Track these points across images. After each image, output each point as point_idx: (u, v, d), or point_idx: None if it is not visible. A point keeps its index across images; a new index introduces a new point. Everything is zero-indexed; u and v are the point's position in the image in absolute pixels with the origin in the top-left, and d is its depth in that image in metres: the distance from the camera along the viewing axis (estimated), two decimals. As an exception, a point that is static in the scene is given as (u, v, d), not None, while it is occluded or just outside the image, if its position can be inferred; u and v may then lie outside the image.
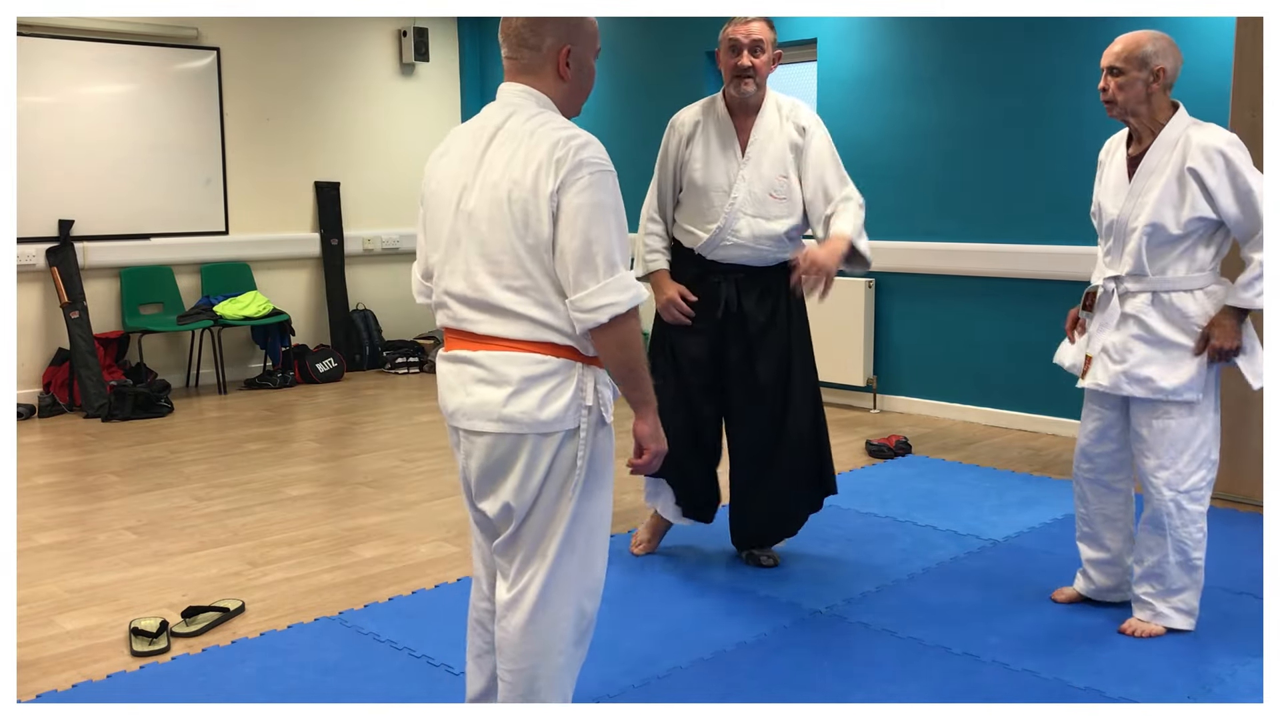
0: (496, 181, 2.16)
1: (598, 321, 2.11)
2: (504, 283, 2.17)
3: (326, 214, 7.98)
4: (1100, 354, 3.19)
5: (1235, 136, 3.03)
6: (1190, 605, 3.21)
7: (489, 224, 2.17)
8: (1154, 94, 3.06)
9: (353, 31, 8.02)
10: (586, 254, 2.10)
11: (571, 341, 2.18)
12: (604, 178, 2.14)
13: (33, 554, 4.07)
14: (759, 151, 3.62)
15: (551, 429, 2.17)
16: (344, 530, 4.32)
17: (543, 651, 2.25)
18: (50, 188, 6.77)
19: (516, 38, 2.25)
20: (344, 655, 3.17)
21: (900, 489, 4.80)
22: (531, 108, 2.22)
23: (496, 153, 2.19)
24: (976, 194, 5.97)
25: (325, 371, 7.61)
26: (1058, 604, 3.47)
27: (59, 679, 3.03)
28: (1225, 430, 4.54)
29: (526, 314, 2.16)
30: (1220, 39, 5.02)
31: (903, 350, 6.38)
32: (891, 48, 6.23)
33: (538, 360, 2.16)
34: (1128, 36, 3.09)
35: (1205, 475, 3.13)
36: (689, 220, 3.68)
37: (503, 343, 2.18)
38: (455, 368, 2.25)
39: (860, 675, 3.02)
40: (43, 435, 6.07)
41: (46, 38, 6.70)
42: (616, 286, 2.11)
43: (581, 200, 2.11)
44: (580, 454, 2.20)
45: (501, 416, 2.17)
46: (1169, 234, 3.03)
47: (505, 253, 2.16)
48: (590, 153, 2.13)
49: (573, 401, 2.17)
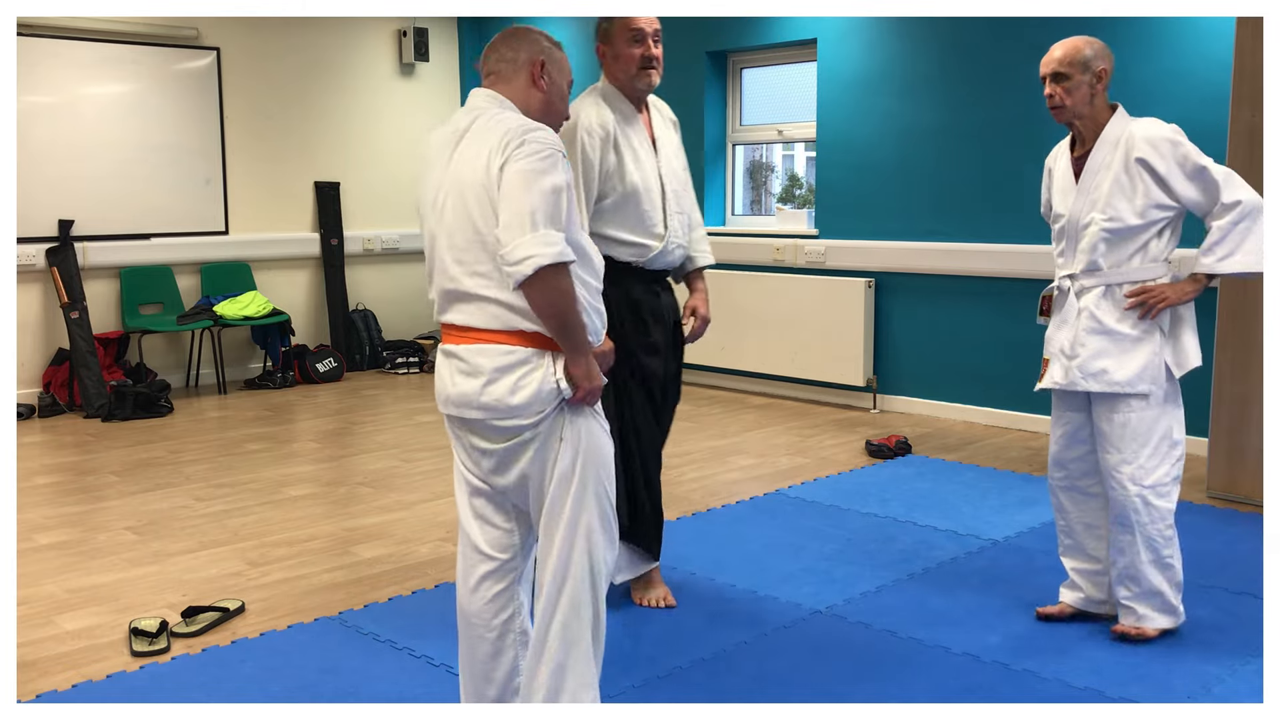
0: (460, 175, 2.32)
1: (523, 274, 2.19)
2: (469, 269, 2.31)
3: (326, 214, 7.98)
4: (1057, 353, 3.18)
5: (1176, 125, 3.06)
6: (1170, 603, 3.17)
7: (454, 215, 2.32)
8: (1097, 95, 3.09)
9: (352, 31, 8.02)
10: (517, 212, 2.21)
11: (539, 327, 2.29)
12: (545, 151, 2.25)
13: (33, 554, 4.07)
14: (664, 145, 3.45)
15: (523, 415, 2.31)
16: (344, 530, 4.32)
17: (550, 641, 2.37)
18: (50, 188, 6.77)
19: (494, 51, 2.45)
20: (344, 655, 3.17)
21: (900, 489, 4.80)
22: (494, 109, 2.38)
23: (463, 151, 2.34)
24: (976, 194, 5.97)
25: (325, 371, 7.61)
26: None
27: (59, 679, 3.03)
28: (1225, 430, 4.56)
29: (493, 296, 2.30)
30: (1220, 39, 5.02)
31: (903, 350, 6.38)
32: (891, 48, 6.23)
33: (506, 351, 2.31)
34: (1065, 43, 3.11)
35: (1169, 470, 3.10)
36: (628, 230, 3.34)
37: (476, 333, 2.33)
38: (444, 361, 2.42)
39: (860, 675, 3.02)
40: (43, 435, 6.07)
41: (46, 38, 6.70)
42: (542, 240, 2.19)
43: (519, 167, 2.23)
44: (562, 437, 2.34)
45: (479, 405, 2.33)
46: (1128, 225, 3.05)
47: (468, 239, 2.30)
48: (537, 135, 2.27)
49: (541, 387, 2.30)
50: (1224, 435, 4.57)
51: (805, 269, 6.72)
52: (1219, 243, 2.99)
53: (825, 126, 6.56)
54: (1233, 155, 4.45)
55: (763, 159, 8.25)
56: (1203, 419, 5.09)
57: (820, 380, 6.67)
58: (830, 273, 6.60)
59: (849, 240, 6.50)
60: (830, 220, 6.60)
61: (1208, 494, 4.65)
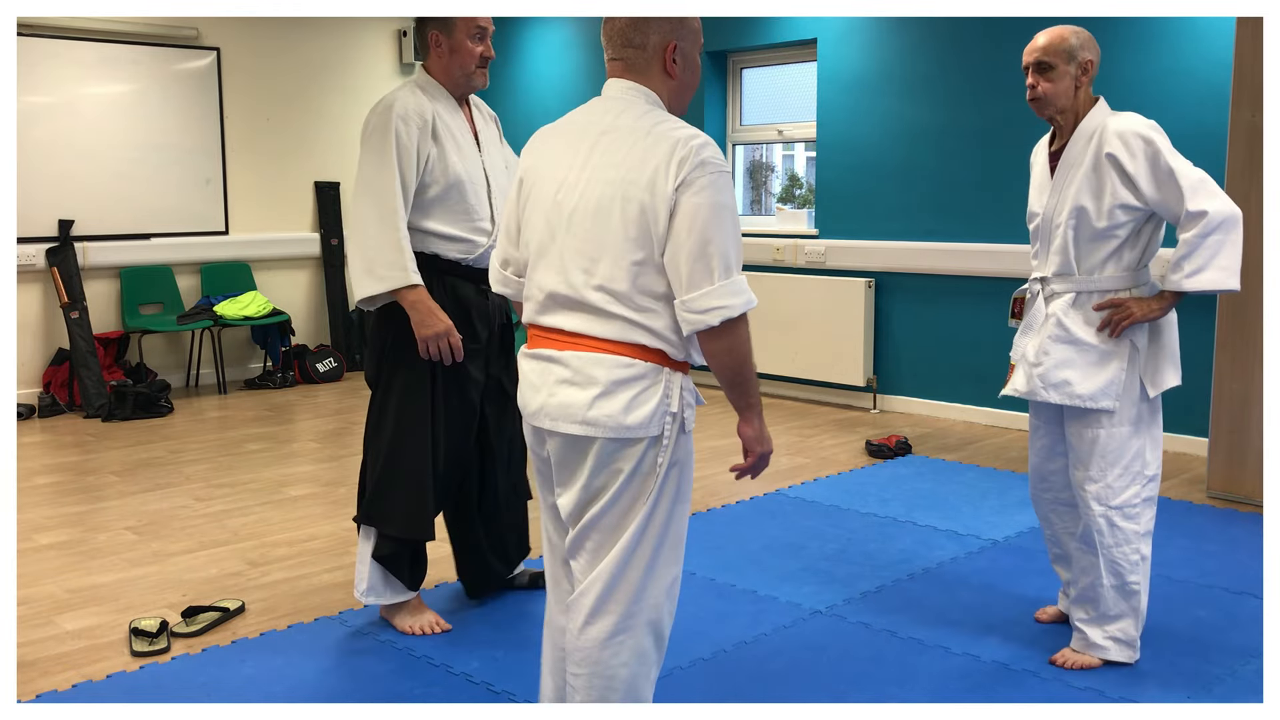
0: (607, 179, 2.12)
1: (708, 324, 2.05)
2: (599, 282, 2.11)
3: (326, 214, 7.98)
4: (1021, 359, 3.04)
5: (1155, 123, 2.86)
6: (1129, 635, 2.98)
7: (593, 222, 2.12)
8: (1082, 87, 2.90)
9: (352, 31, 8.02)
10: (702, 254, 2.04)
11: (662, 345, 2.12)
12: (723, 179, 2.09)
13: (33, 554, 4.07)
14: (487, 141, 3.32)
15: (635, 434, 2.11)
16: (344, 530, 4.32)
17: (604, 660, 2.18)
18: (50, 188, 6.77)
19: (621, 37, 2.21)
20: (344, 655, 3.17)
21: (900, 489, 4.80)
22: (641, 105, 2.18)
23: (607, 150, 2.14)
24: (976, 194, 5.97)
25: (325, 371, 7.61)
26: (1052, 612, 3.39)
27: (59, 679, 3.03)
28: (1225, 430, 4.56)
29: (617, 314, 2.11)
30: (1220, 39, 5.02)
31: (903, 350, 6.38)
32: (891, 48, 6.23)
33: (626, 363, 2.11)
34: (1050, 31, 2.91)
35: (1139, 492, 2.92)
36: (452, 224, 3.19)
37: (591, 342, 2.13)
38: (540, 366, 2.20)
39: (860, 675, 3.02)
40: (43, 435, 6.07)
41: (46, 38, 6.70)
42: (730, 290, 2.05)
43: (702, 200, 2.05)
44: (661, 460, 2.14)
45: (585, 420, 2.11)
46: (1093, 225, 2.87)
47: (606, 251, 2.11)
48: (710, 153, 2.09)
49: (659, 407, 2.11)
50: (1224, 435, 4.57)
51: (805, 269, 6.72)
52: (1187, 257, 2.77)
53: (825, 126, 6.56)
54: (1233, 155, 4.45)
55: (763, 159, 8.26)
56: (1203, 419, 5.10)
57: (820, 380, 6.67)
58: (830, 273, 6.60)
59: (849, 240, 6.50)
60: (830, 220, 6.61)
61: (1208, 494, 4.65)
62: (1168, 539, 4.08)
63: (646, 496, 2.15)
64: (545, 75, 8.17)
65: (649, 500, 2.15)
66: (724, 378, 2.14)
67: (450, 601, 3.56)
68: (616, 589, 2.17)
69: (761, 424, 2.19)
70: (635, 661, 2.19)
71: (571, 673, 2.22)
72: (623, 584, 2.16)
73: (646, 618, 2.19)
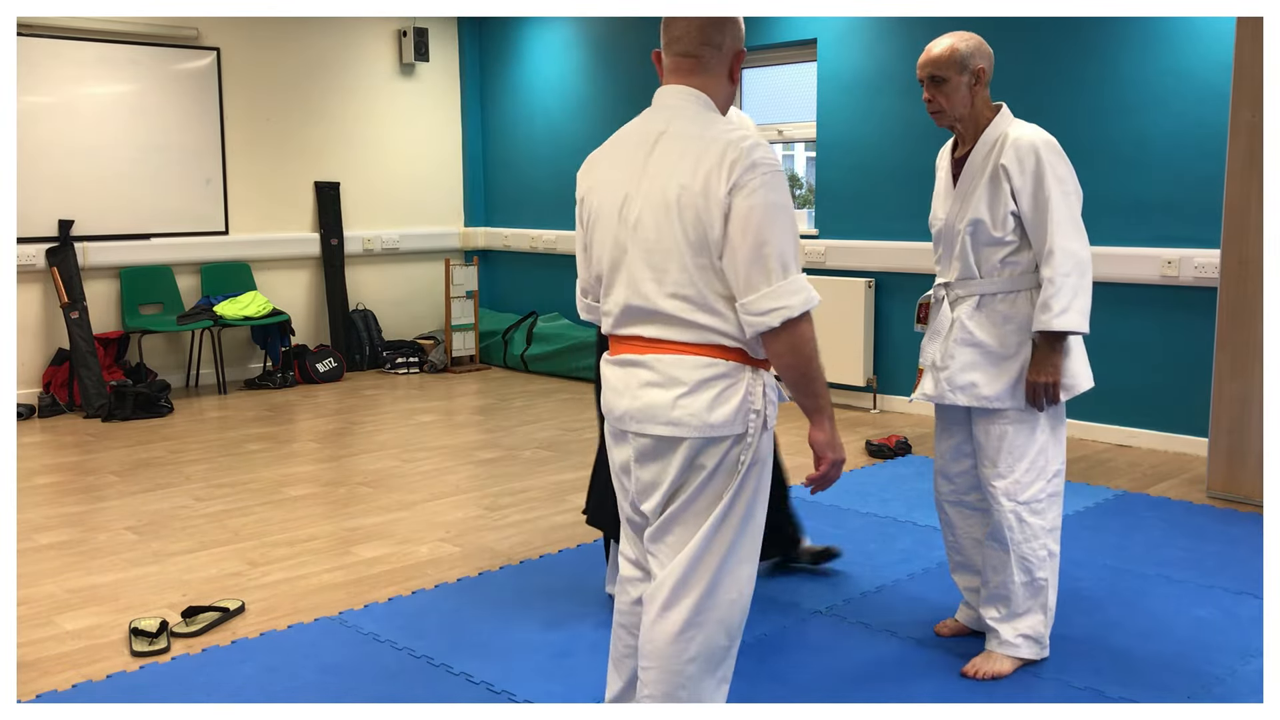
0: (664, 186, 2.12)
1: (769, 325, 2.05)
2: (669, 290, 2.12)
3: (326, 214, 7.98)
4: (929, 365, 3.04)
5: (1053, 140, 2.85)
6: (1038, 632, 2.98)
7: (655, 230, 2.12)
8: (976, 95, 2.89)
9: (353, 31, 8.02)
10: (758, 255, 2.04)
11: (741, 344, 2.13)
12: (776, 178, 2.08)
13: (33, 554, 4.07)
14: None
15: (720, 433, 2.11)
16: (344, 530, 4.32)
17: (675, 654, 2.18)
18: (50, 188, 6.77)
19: (701, 35, 2.18)
20: (344, 655, 3.17)
21: (900, 489, 4.80)
22: (694, 110, 2.18)
23: (662, 158, 2.14)
24: (976, 194, 5.96)
25: (325, 371, 7.61)
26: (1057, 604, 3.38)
27: (59, 679, 3.03)
28: (1225, 430, 4.55)
29: (693, 320, 2.12)
30: (1220, 39, 5.02)
31: (903, 350, 6.38)
32: (891, 48, 6.23)
33: (708, 363, 2.12)
34: (938, 43, 2.91)
35: (1045, 487, 2.92)
36: None
37: (671, 346, 2.14)
38: (623, 371, 2.21)
39: (860, 675, 3.02)
40: (43, 435, 6.07)
41: (46, 38, 6.70)
42: (789, 289, 2.05)
43: (755, 201, 2.05)
44: (743, 459, 2.15)
45: (670, 420, 2.12)
46: (990, 234, 2.87)
47: (672, 259, 2.11)
48: (762, 154, 2.08)
49: (742, 405, 2.12)
50: (1224, 435, 4.57)
51: (805, 269, 6.71)
52: (1055, 295, 2.76)
53: (825, 126, 6.56)
54: (1233, 155, 4.45)
55: (763, 159, 8.25)
56: (1203, 419, 5.10)
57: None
58: (830, 273, 6.60)
59: (849, 240, 6.50)
60: (830, 220, 6.60)
61: (1208, 494, 4.65)
62: (1168, 539, 4.08)
63: (728, 492, 2.15)
64: (545, 75, 8.17)
65: (729, 495, 2.16)
66: (789, 378, 2.14)
67: (450, 601, 3.57)
68: (691, 582, 2.17)
69: (833, 428, 2.18)
70: (704, 658, 2.19)
71: (642, 666, 2.23)
72: (697, 578, 2.17)
73: (719, 615, 2.19)
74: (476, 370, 8.02)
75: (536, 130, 8.30)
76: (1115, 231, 5.45)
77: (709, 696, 2.21)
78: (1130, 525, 4.26)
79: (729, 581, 2.19)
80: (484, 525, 4.38)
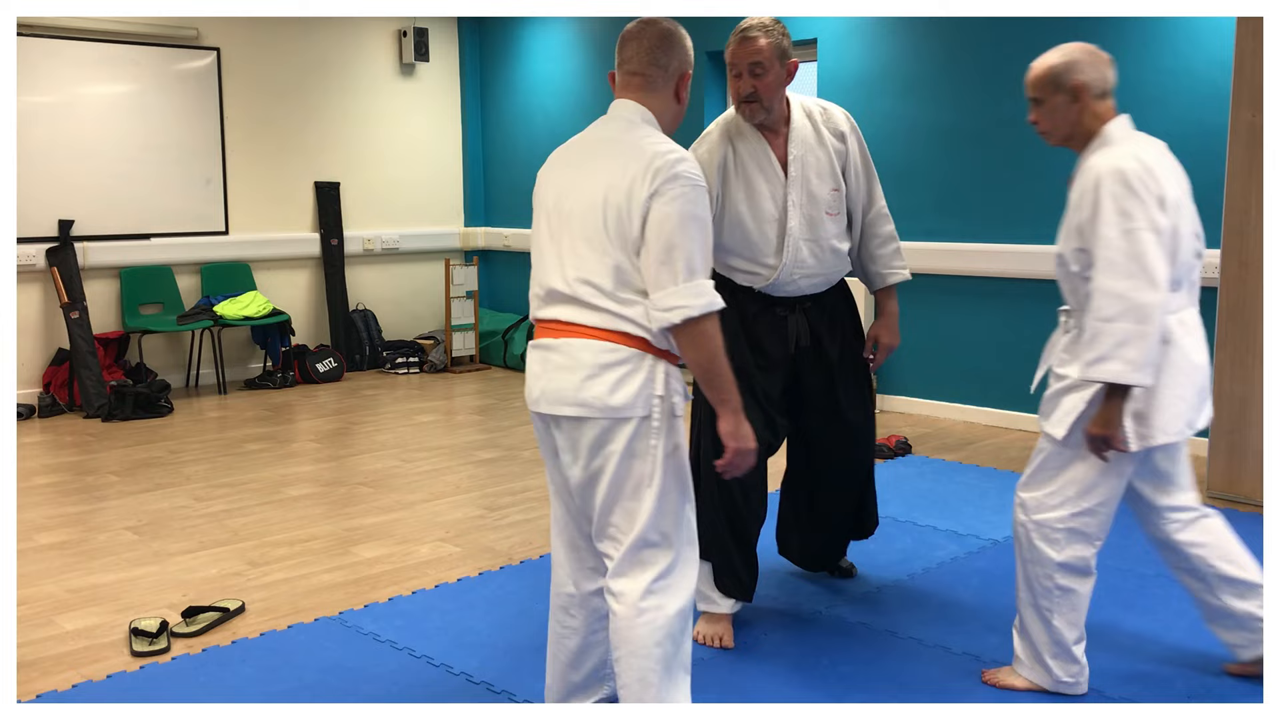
0: (596, 185, 2.33)
1: (671, 322, 2.24)
2: (585, 276, 2.32)
3: (326, 214, 7.98)
4: None
5: (1133, 167, 2.58)
6: (1040, 657, 2.86)
7: (582, 222, 2.33)
8: (1082, 112, 2.72)
9: (353, 31, 8.02)
10: (668, 258, 2.24)
11: (643, 333, 2.30)
12: (695, 191, 2.27)
13: (33, 554, 4.07)
14: (803, 169, 3.19)
15: (622, 414, 2.29)
16: (344, 530, 4.32)
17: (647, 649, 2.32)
18: (50, 188, 6.77)
19: (648, 56, 2.41)
20: (344, 655, 3.17)
21: (900, 489, 4.80)
22: (638, 123, 2.39)
23: (600, 161, 2.36)
24: (976, 194, 5.97)
25: (325, 371, 7.61)
26: None
27: (59, 679, 3.03)
28: (1225, 430, 4.55)
29: (602, 306, 2.30)
30: (1220, 39, 5.02)
31: (903, 350, 6.38)
32: (891, 48, 6.23)
33: (611, 348, 2.30)
34: (1038, 61, 2.77)
35: (1064, 516, 2.77)
36: (741, 257, 3.23)
37: (581, 330, 2.33)
38: (539, 355, 2.41)
39: (860, 675, 3.02)
40: (43, 435, 6.07)
41: (46, 38, 6.70)
42: (692, 291, 2.23)
43: (671, 209, 2.25)
44: (653, 443, 2.31)
45: (577, 401, 2.31)
46: (1068, 268, 2.74)
47: (593, 249, 2.31)
48: (685, 168, 2.28)
49: (643, 389, 2.29)
50: (1224, 435, 4.57)
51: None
52: (1091, 342, 2.60)
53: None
54: (1233, 155, 4.45)
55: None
56: (1203, 419, 5.09)
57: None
58: (830, 273, 6.59)
59: (849, 240, 6.50)
60: (830, 220, 6.60)
61: (1208, 494, 4.65)
62: (1168, 539, 4.08)
63: (649, 478, 2.32)
64: (545, 75, 8.17)
65: (660, 483, 2.32)
66: (695, 374, 2.31)
67: (450, 601, 3.57)
68: (645, 566, 2.34)
69: (737, 420, 2.34)
70: (668, 640, 2.32)
71: (615, 657, 2.37)
72: (653, 561, 2.34)
73: (672, 598, 2.34)
74: (476, 370, 8.02)
75: (536, 130, 8.30)
76: (1115, 231, 5.44)
77: (674, 683, 2.35)
78: (1130, 525, 4.25)
79: (680, 562, 2.36)
80: (484, 525, 4.38)
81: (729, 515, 3.23)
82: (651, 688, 2.32)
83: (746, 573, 3.30)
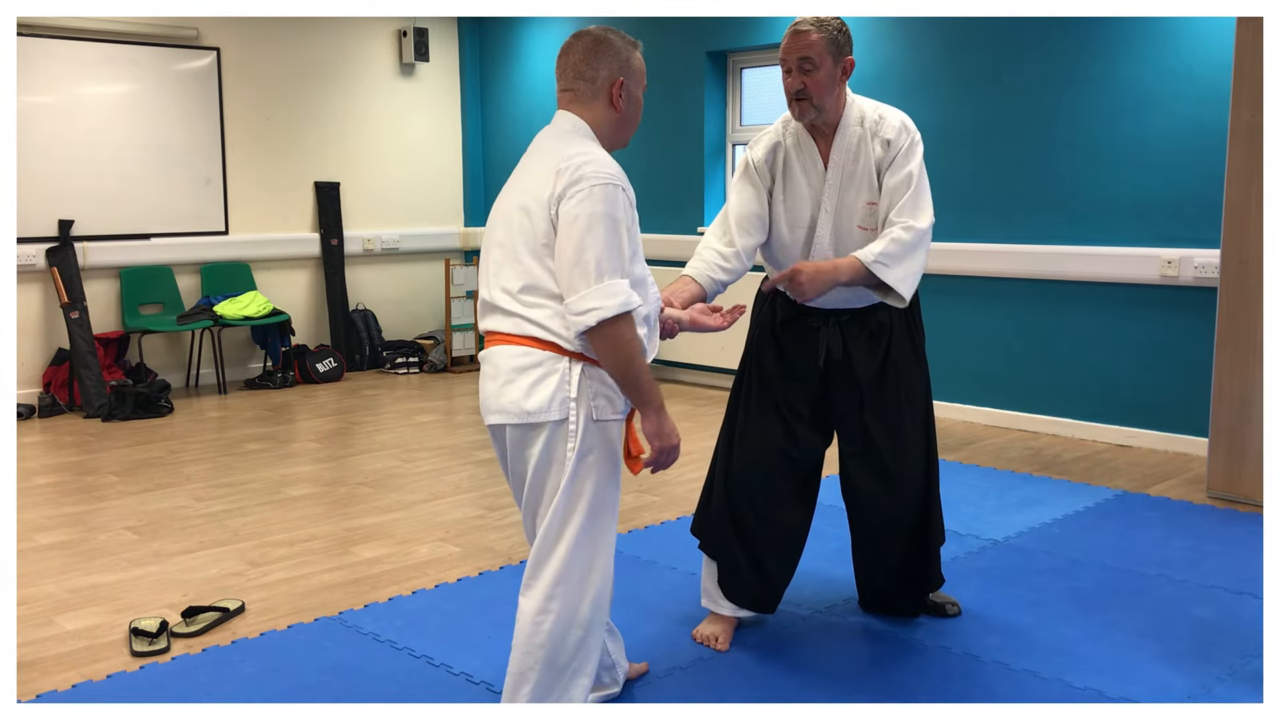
0: (517, 192, 2.37)
1: (586, 324, 2.23)
2: (503, 284, 2.35)
3: (326, 214, 7.98)
4: None
5: None
6: None
7: (505, 230, 2.37)
8: None
9: (353, 31, 8.02)
10: (579, 260, 2.23)
11: (553, 337, 2.30)
12: (603, 190, 2.26)
13: (33, 554, 4.07)
14: (840, 176, 3.01)
15: (537, 419, 2.30)
16: (344, 530, 4.32)
17: (528, 635, 2.37)
18: (50, 188, 6.77)
19: (574, 71, 2.43)
20: (344, 655, 3.17)
21: (900, 489, 4.79)
22: (569, 132, 2.41)
23: (526, 169, 2.41)
24: (976, 194, 5.97)
25: (325, 371, 7.61)
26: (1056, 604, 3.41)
27: (59, 679, 3.03)
28: (1225, 430, 4.55)
29: (516, 312, 2.33)
30: (1220, 39, 5.02)
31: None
32: (891, 48, 6.23)
33: (524, 352, 2.32)
34: None
35: None
36: (773, 260, 3.20)
37: (501, 337, 2.36)
38: (483, 369, 2.44)
39: (860, 675, 3.02)
40: (43, 435, 6.07)
41: (46, 38, 6.70)
42: (606, 292, 2.22)
43: (579, 210, 2.24)
44: (571, 446, 2.31)
45: (498, 407, 2.35)
46: None
47: (508, 257, 2.34)
48: (591, 170, 2.27)
49: (557, 392, 2.29)
50: (1224, 435, 4.57)
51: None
52: None
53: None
54: (1232, 155, 4.45)
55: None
56: (1203, 419, 5.09)
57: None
58: (830, 273, 6.58)
59: (849, 240, 6.49)
60: (830, 220, 6.59)
61: (1208, 494, 4.65)
62: (1167, 539, 4.08)
63: (565, 480, 2.32)
64: (545, 75, 8.17)
65: (566, 484, 2.32)
66: (614, 376, 2.31)
67: (450, 601, 3.57)
68: (543, 567, 2.36)
69: (660, 419, 2.35)
70: (553, 645, 2.35)
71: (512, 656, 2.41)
72: (549, 564, 2.35)
73: (569, 603, 2.36)
74: (476, 370, 8.02)
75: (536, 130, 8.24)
76: (1115, 231, 5.45)
77: (562, 686, 2.37)
78: (1130, 525, 4.26)
79: (578, 571, 2.36)
80: (484, 525, 4.38)
81: (735, 520, 3.20)
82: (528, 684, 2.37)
83: (758, 584, 3.19)
